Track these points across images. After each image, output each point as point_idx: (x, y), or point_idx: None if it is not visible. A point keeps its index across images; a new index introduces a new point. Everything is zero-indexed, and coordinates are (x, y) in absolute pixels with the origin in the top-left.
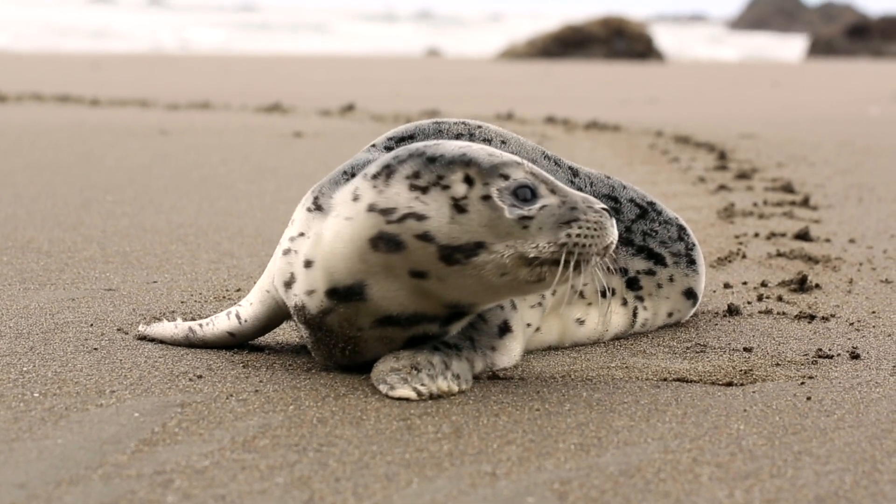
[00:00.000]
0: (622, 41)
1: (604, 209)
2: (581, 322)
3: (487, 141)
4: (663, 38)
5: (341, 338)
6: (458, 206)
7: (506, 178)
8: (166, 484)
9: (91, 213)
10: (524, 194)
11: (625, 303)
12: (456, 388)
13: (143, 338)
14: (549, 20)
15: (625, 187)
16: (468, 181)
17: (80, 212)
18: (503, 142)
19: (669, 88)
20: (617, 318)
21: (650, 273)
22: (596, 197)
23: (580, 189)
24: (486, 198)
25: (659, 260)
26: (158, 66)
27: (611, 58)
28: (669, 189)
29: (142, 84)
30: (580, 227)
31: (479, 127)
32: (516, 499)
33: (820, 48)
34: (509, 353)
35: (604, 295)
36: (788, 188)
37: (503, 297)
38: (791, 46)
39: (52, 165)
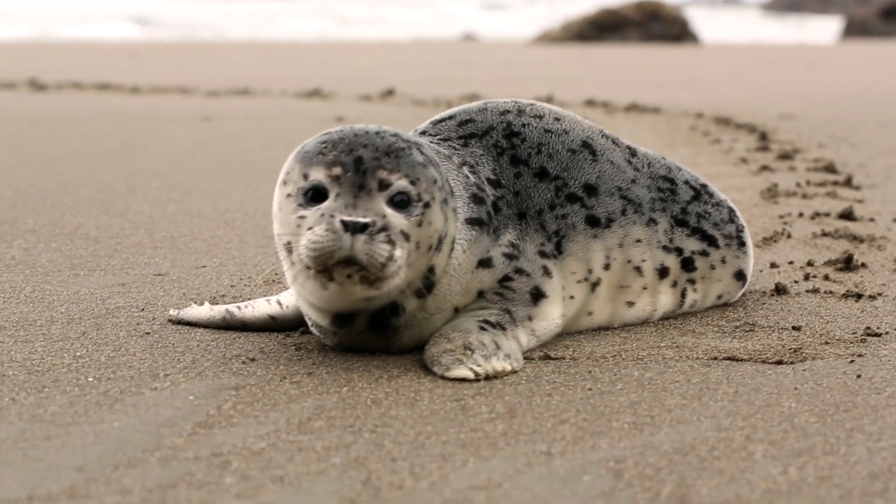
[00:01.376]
0: (658, 24)
1: (344, 222)
2: (631, 304)
3: (539, 117)
4: (698, 21)
5: None
6: (282, 203)
7: (305, 177)
8: (224, 465)
9: (137, 200)
10: (314, 196)
11: (674, 284)
12: (509, 368)
13: (178, 322)
14: (583, 4)
15: (679, 169)
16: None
17: (127, 198)
18: (557, 118)
19: (706, 70)
20: (665, 298)
21: (704, 254)
22: (652, 178)
23: (637, 170)
24: (288, 195)
25: (712, 242)
26: (196, 54)
27: (646, 41)
28: (712, 170)
29: (180, 71)
30: (309, 236)
31: (532, 104)
32: (572, 477)
33: (854, 29)
34: (547, 318)
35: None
36: (831, 168)
37: (334, 301)
38: (826, 28)
39: (95, 153)
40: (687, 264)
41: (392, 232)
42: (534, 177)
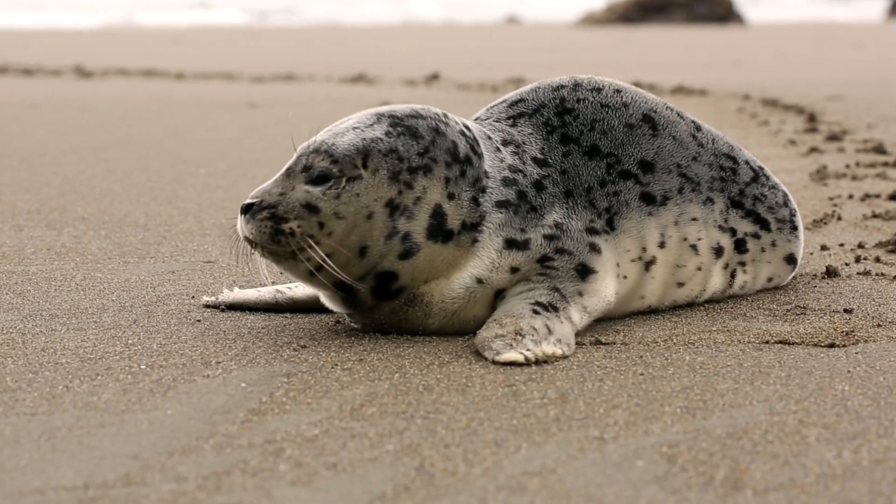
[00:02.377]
0: (703, 4)
1: (244, 204)
2: (681, 284)
3: (597, 90)
4: (743, 0)
5: None
6: None
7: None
8: (278, 453)
9: (185, 187)
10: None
11: (726, 265)
12: (560, 353)
13: (230, 307)
14: None
15: (741, 149)
16: None
17: (175, 185)
18: (617, 90)
19: (752, 51)
20: (716, 279)
21: (755, 237)
22: (715, 155)
23: (701, 144)
24: None
25: (764, 225)
26: (239, 40)
27: (691, 22)
28: (761, 152)
29: (224, 57)
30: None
31: (591, 78)
32: (626, 463)
33: None
34: (598, 294)
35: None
36: (880, 149)
37: (291, 278)
38: (872, 7)
39: (142, 140)
40: (739, 245)
41: (286, 207)
42: (584, 154)
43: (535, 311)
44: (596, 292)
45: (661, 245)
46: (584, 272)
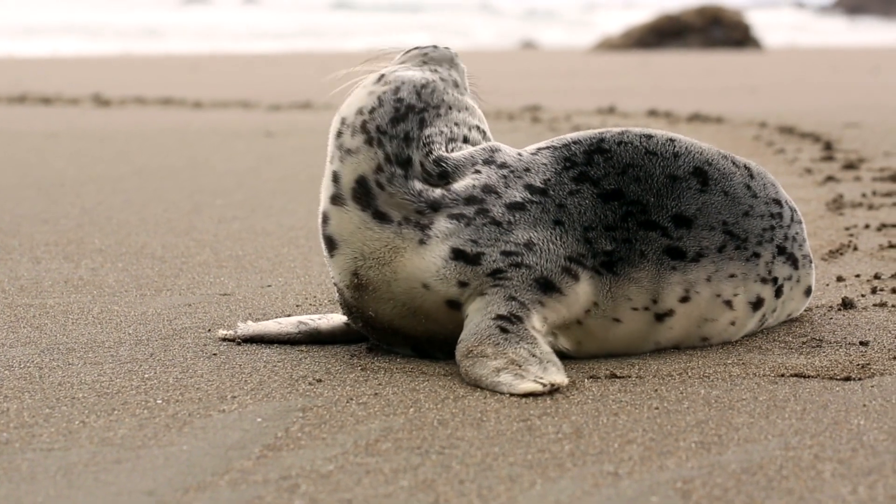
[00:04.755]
0: (719, 29)
1: None
2: (705, 338)
3: (647, 137)
4: (760, 25)
5: None
6: None
7: None
8: (293, 489)
9: (202, 218)
10: None
11: (763, 315)
12: (565, 381)
13: (247, 339)
14: (642, 10)
15: (776, 185)
16: None
17: (192, 216)
18: (671, 139)
19: (769, 77)
20: (749, 327)
21: (789, 279)
22: (766, 203)
23: (755, 195)
24: None
25: (795, 264)
26: (257, 67)
27: (708, 47)
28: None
29: (242, 85)
30: None
31: (644, 129)
32: (640, 499)
33: None
34: (559, 313)
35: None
36: None
37: None
38: (890, 31)
39: (160, 170)
40: (778, 292)
41: None
42: (598, 197)
43: (503, 329)
44: (557, 311)
45: (685, 300)
46: (547, 287)
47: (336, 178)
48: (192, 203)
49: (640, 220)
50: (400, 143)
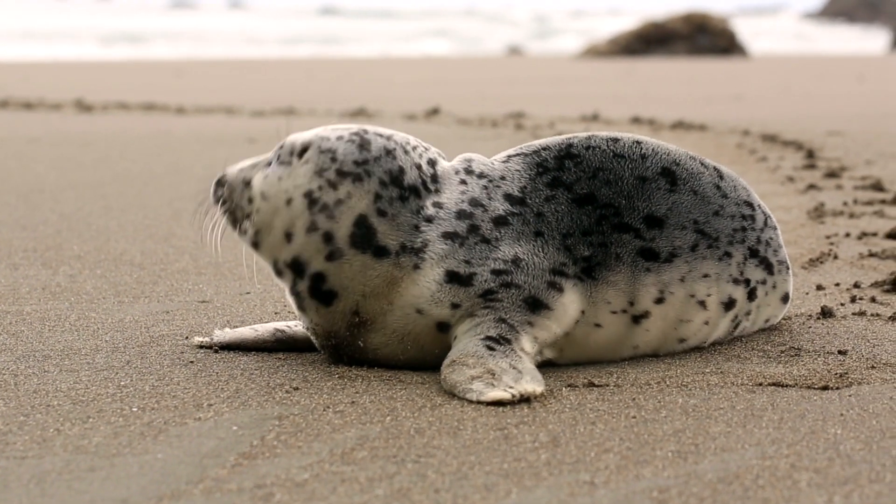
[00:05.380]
0: (705, 37)
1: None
2: (682, 339)
3: (614, 140)
4: (746, 31)
5: None
6: None
7: None
8: (267, 498)
9: (182, 225)
10: None
11: (735, 317)
12: (540, 390)
13: (224, 346)
14: (629, 17)
15: (751, 190)
16: None
17: (171, 223)
18: (637, 142)
19: (754, 85)
20: (721, 329)
21: (763, 283)
22: (737, 204)
23: (725, 195)
24: None
25: (769, 269)
26: (240, 72)
27: (694, 54)
28: (758, 189)
29: (225, 91)
30: None
31: (617, 138)
32: None
33: None
34: (549, 329)
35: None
36: (878, 186)
37: None
38: (875, 39)
39: (141, 176)
40: (751, 294)
41: (230, 177)
42: (572, 202)
43: (490, 348)
44: (547, 328)
45: (660, 301)
46: (536, 305)
47: (328, 238)
48: (173, 210)
49: (613, 222)
50: (384, 160)
